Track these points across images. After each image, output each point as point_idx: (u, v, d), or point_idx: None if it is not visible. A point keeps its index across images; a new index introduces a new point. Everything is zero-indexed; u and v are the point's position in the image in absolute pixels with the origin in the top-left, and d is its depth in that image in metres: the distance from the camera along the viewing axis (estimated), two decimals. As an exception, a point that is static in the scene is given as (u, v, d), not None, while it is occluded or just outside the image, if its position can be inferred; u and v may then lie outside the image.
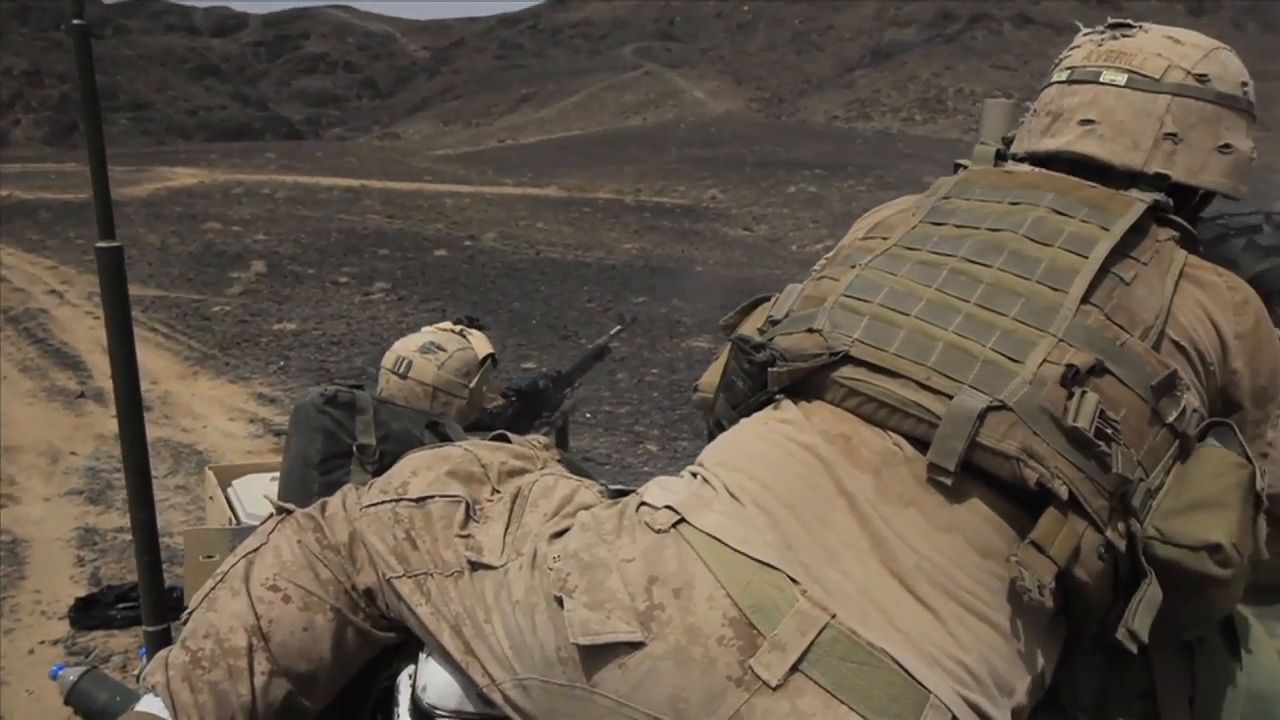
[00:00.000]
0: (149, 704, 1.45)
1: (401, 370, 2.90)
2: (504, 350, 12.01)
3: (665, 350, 11.40)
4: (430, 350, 2.95)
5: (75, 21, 2.14)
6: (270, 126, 76.14)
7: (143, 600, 2.28)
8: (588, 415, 8.61)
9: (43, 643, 4.15)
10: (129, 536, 3.06)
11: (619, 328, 4.34)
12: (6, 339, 11.05)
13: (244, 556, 1.55)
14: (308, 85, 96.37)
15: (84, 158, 2.30)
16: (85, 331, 11.45)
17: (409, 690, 1.53)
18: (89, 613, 4.21)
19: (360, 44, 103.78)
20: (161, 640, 2.17)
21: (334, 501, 1.59)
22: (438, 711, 1.49)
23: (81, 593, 4.50)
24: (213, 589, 1.52)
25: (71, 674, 1.74)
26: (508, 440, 1.77)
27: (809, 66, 75.31)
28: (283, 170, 31.80)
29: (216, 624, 1.46)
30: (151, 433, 7.91)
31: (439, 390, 2.90)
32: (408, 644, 1.54)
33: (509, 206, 27.80)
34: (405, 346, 2.98)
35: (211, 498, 2.97)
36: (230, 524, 2.77)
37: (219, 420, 8.08)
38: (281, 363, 10.20)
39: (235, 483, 2.97)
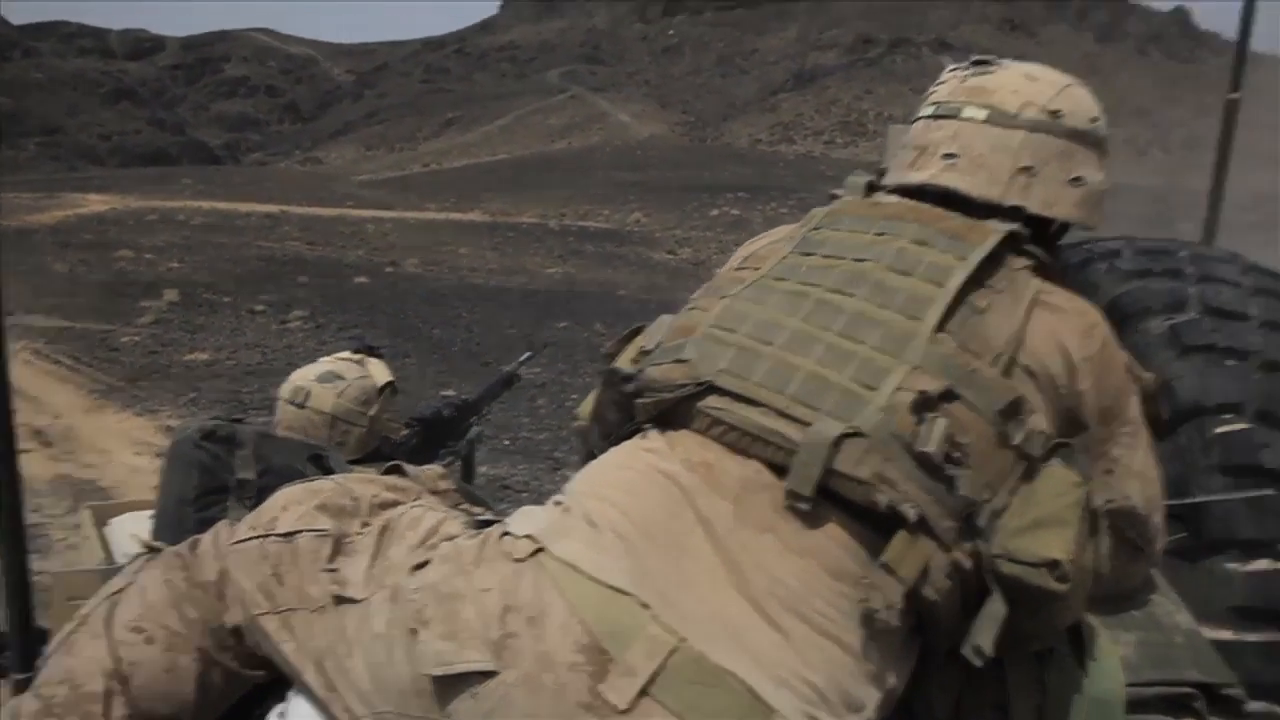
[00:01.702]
0: None
1: (299, 400, 2.86)
2: (424, 378, 11.90)
3: (587, 375, 11.33)
4: (329, 379, 2.91)
5: None
6: (187, 152, 74.42)
7: (10, 646, 2.25)
8: (506, 442, 8.62)
9: None
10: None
11: (528, 354, 4.35)
12: None
13: (108, 597, 1.52)
14: (227, 109, 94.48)
15: None
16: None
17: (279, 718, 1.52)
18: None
19: (282, 67, 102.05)
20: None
21: (205, 539, 1.57)
22: None
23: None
24: (72, 632, 1.49)
25: None
26: (402, 471, 1.78)
27: (733, 90, 76.14)
28: (199, 196, 31.16)
29: (73, 669, 1.43)
30: (51, 469, 7.77)
31: (338, 419, 2.86)
32: (279, 682, 1.52)
33: (432, 232, 27.62)
34: (303, 376, 2.93)
35: (86, 537, 2.89)
36: (104, 564, 2.68)
37: (124, 455, 7.92)
38: (193, 394, 10.03)
39: (113, 521, 2.88)
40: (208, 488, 2.17)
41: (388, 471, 1.80)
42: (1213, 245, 2.65)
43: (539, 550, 1.35)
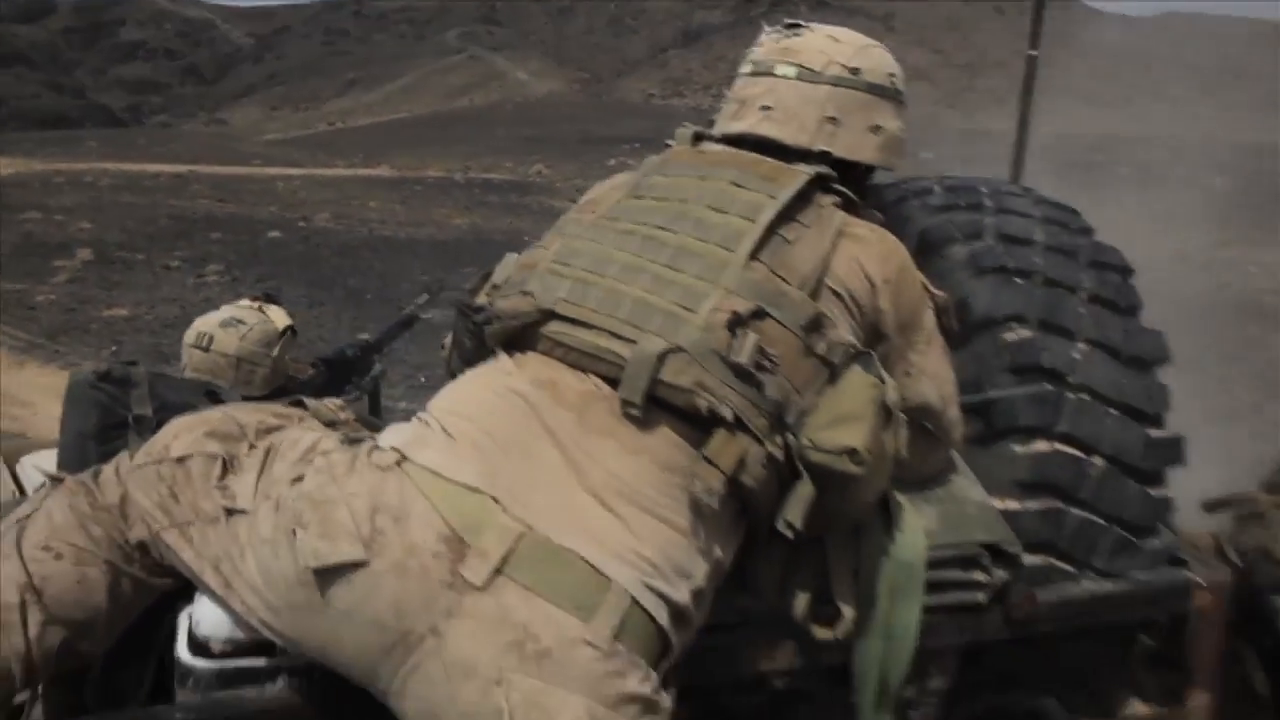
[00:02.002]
0: None
1: (204, 344, 2.86)
2: (340, 325, 11.71)
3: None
4: (231, 324, 2.92)
5: None
6: (89, 115, 69.56)
7: None
8: (422, 379, 8.56)
9: None
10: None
11: (426, 297, 4.37)
12: None
13: (16, 522, 1.53)
14: (127, 73, 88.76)
15: None
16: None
17: (186, 626, 1.55)
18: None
19: (179, 30, 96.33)
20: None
21: (107, 468, 1.59)
22: (211, 641, 1.51)
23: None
24: None
25: None
26: (304, 405, 1.80)
27: (625, 48, 75.15)
28: (105, 158, 29.36)
29: None
30: None
31: (243, 360, 2.87)
32: (187, 588, 1.55)
33: (341, 188, 26.74)
34: (206, 323, 2.94)
35: None
36: (15, 497, 2.63)
37: (50, 407, 7.62)
38: (114, 348, 9.72)
39: (23, 459, 2.85)
40: (107, 424, 2.14)
41: (291, 404, 1.82)
42: (1016, 182, 2.80)
43: (403, 460, 1.41)
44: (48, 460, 2.75)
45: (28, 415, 7.45)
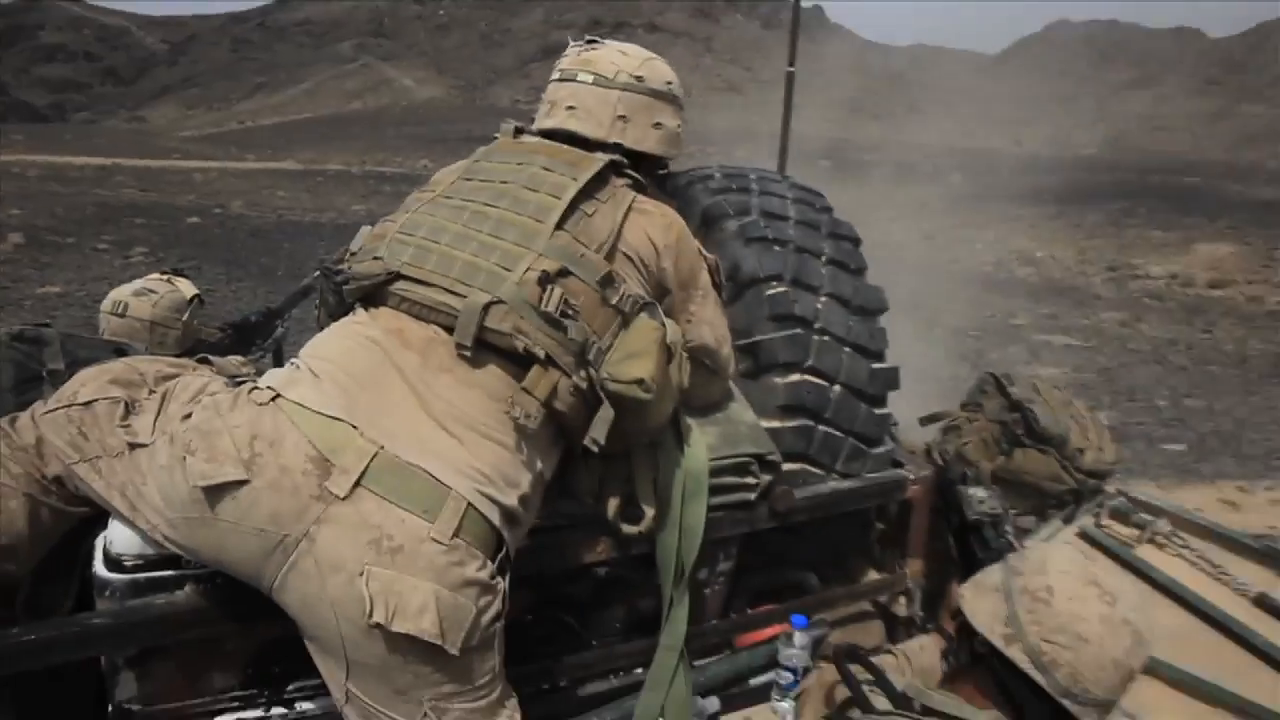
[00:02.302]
0: None
1: (120, 311, 2.71)
2: (255, 298, 11.13)
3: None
4: (144, 293, 2.77)
5: None
6: (13, 110, 62.75)
7: None
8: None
9: None
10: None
11: (319, 271, 4.22)
12: None
13: None
14: (48, 73, 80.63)
15: None
16: None
17: (101, 546, 1.52)
18: None
19: (97, 35, 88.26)
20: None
21: (23, 415, 1.53)
22: (124, 558, 1.49)
23: None
24: None
25: None
26: (210, 363, 1.75)
27: (494, 60, 73.26)
28: (32, 150, 26.85)
29: None
30: None
31: (156, 324, 2.73)
32: (102, 516, 1.52)
33: (252, 179, 25.33)
34: (120, 293, 2.78)
35: None
36: None
37: None
38: (49, 321, 9.05)
39: None
40: (21, 379, 2.02)
41: (199, 361, 1.76)
42: (780, 172, 2.86)
43: (277, 396, 1.39)
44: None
45: (-38, 379, 6.82)
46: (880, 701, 1.49)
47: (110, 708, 1.57)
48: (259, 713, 1.63)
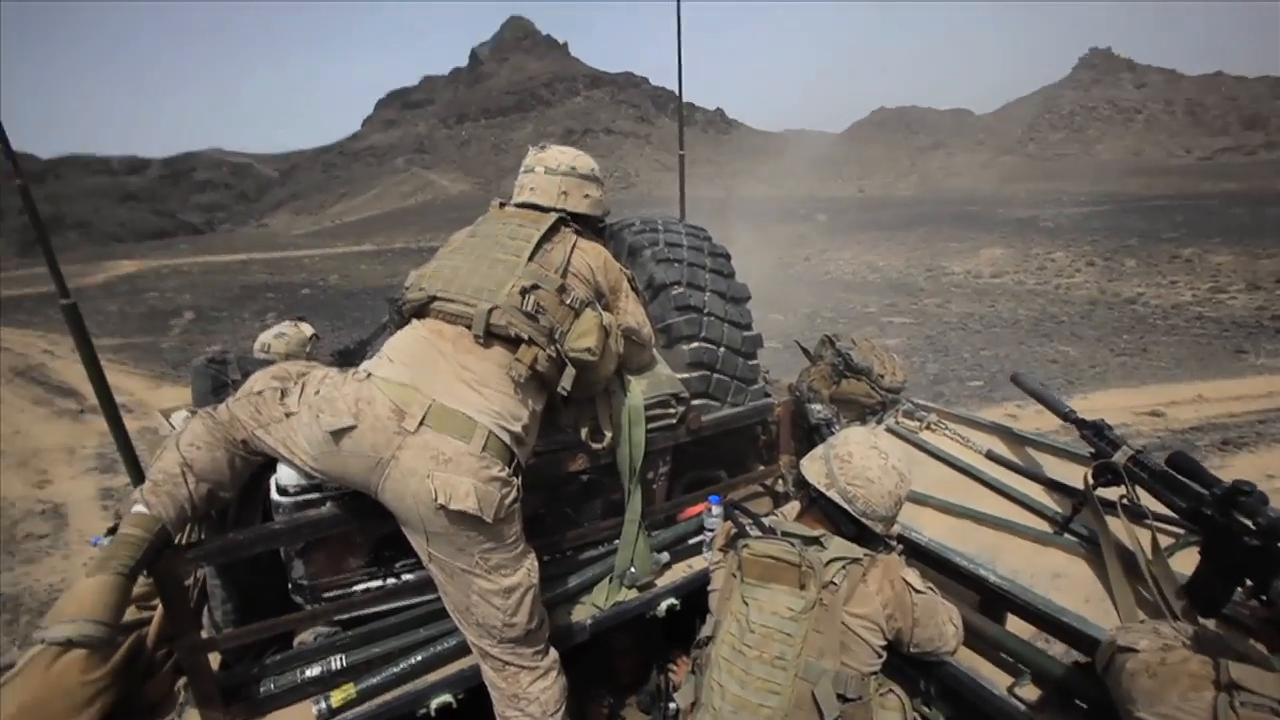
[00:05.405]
0: (137, 509, 1.34)
1: (265, 349, 2.69)
2: (351, 336, 11.10)
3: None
4: (280, 335, 2.76)
5: (17, 182, 1.90)
6: (180, 228, 62.35)
7: (129, 472, 2.08)
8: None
9: (87, 563, 3.60)
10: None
11: (387, 301, 4.20)
12: (17, 386, 8.96)
13: (175, 436, 1.46)
14: (200, 199, 79.61)
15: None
16: (75, 371, 9.47)
17: (273, 480, 1.55)
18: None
19: (231, 170, 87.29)
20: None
21: (220, 405, 1.52)
22: (288, 487, 1.52)
23: (110, 524, 3.94)
24: (160, 453, 1.43)
25: (103, 539, 1.66)
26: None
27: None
28: (194, 254, 26.68)
29: (163, 465, 1.39)
30: (134, 424, 6.84)
31: (290, 356, 2.71)
32: (272, 464, 1.53)
33: (342, 260, 24.95)
34: (265, 336, 2.77)
35: (161, 423, 2.63)
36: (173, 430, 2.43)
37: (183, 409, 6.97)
38: (227, 350, 8.96)
39: (173, 415, 2.62)
40: (216, 386, 2.04)
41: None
42: (681, 218, 2.84)
43: (369, 375, 1.44)
44: (185, 412, 2.55)
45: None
46: (755, 531, 1.56)
47: (290, 584, 1.60)
48: (379, 581, 1.65)
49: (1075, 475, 1.76)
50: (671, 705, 1.60)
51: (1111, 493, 1.62)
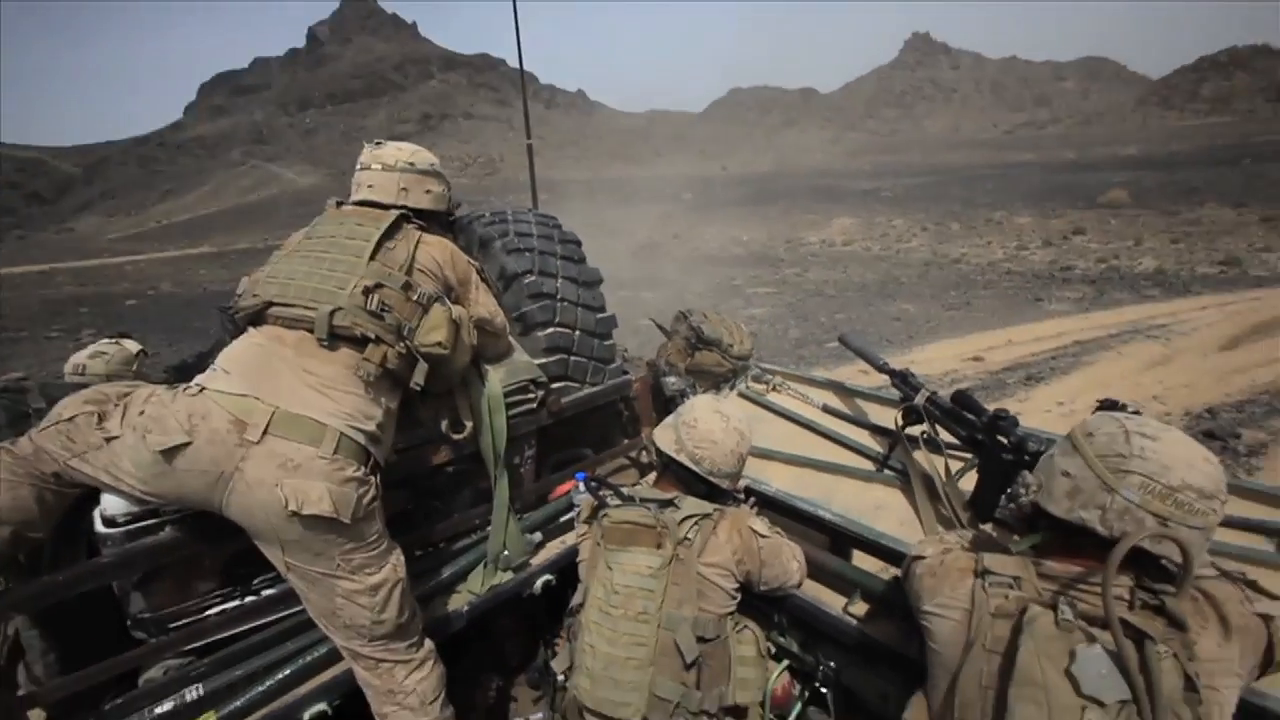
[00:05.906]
0: None
1: (79, 372, 2.40)
2: (194, 350, 9.99)
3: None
4: (97, 355, 2.47)
5: None
6: None
7: None
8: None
9: None
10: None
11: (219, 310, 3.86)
12: None
13: None
14: None
15: None
16: None
17: (98, 512, 1.48)
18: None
19: (16, 167, 73.94)
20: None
21: (20, 438, 1.41)
22: (115, 517, 1.44)
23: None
24: None
25: None
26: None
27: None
28: None
29: None
30: None
31: (111, 378, 2.41)
32: (94, 493, 1.45)
33: (175, 264, 22.36)
34: (78, 357, 2.46)
35: None
36: None
37: None
38: (26, 376, 7.70)
39: None
40: (14, 417, 1.86)
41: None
42: (534, 206, 2.82)
43: (203, 389, 1.38)
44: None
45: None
46: (615, 501, 1.65)
47: (129, 621, 1.51)
48: (236, 601, 1.59)
49: (892, 419, 2.00)
50: (554, 675, 1.67)
51: (918, 430, 1.88)
